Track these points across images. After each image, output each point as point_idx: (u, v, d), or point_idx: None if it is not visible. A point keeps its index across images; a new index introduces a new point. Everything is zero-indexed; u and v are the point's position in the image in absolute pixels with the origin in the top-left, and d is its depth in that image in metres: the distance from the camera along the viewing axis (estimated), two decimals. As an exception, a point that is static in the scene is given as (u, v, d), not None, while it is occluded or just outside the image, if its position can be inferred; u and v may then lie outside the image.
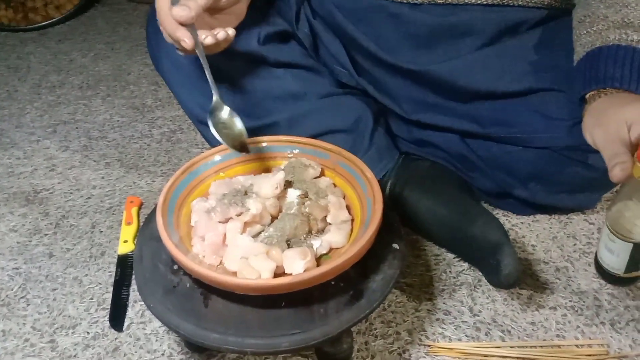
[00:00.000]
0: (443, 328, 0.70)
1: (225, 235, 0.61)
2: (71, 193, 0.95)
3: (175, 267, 0.61)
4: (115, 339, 0.70)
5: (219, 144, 0.76)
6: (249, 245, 0.59)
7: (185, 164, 0.69)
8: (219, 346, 0.55)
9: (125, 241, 0.83)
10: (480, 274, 0.76)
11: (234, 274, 0.58)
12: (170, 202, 0.65)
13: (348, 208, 0.66)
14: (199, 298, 0.59)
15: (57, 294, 0.76)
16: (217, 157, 0.72)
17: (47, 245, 0.84)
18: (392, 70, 0.82)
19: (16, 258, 0.82)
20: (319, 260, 0.61)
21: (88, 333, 0.70)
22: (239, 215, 0.62)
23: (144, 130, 1.12)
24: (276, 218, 0.65)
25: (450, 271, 0.78)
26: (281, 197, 0.66)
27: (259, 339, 0.55)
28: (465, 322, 0.71)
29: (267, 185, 0.65)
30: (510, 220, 0.87)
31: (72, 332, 0.71)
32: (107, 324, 0.71)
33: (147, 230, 0.66)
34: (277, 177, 0.65)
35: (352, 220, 0.65)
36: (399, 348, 0.68)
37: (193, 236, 0.63)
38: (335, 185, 0.70)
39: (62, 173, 1.00)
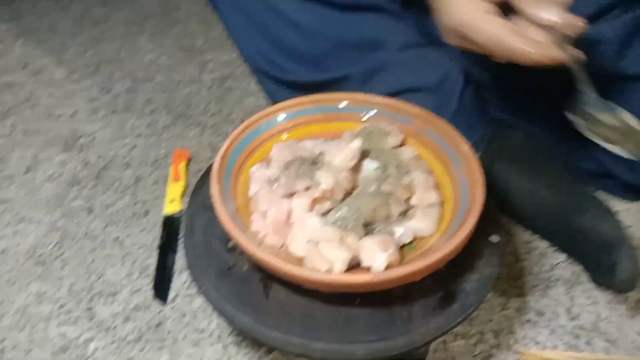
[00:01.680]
0: (536, 332, 0.60)
1: (290, 212, 0.51)
2: (114, 141, 0.87)
3: (231, 244, 0.52)
4: (159, 312, 0.62)
5: (282, 99, 0.65)
6: (319, 227, 0.49)
7: (244, 122, 0.59)
8: (281, 347, 0.46)
9: (172, 200, 0.74)
10: (580, 267, 0.65)
11: (300, 260, 0.49)
12: (227, 167, 0.55)
13: (436, 187, 0.55)
14: (258, 285, 0.49)
15: (96, 255, 0.68)
16: (281, 116, 0.61)
17: (87, 199, 0.76)
18: None
19: (53, 211, 0.74)
20: (401, 250, 0.50)
21: (128, 303, 0.63)
22: (306, 189, 0.52)
23: (193, 75, 1.02)
24: (349, 195, 0.54)
25: (544, 263, 0.67)
26: (355, 169, 0.55)
27: (330, 343, 0.45)
28: (563, 326, 0.60)
29: (341, 155, 0.54)
30: (611, 206, 0.74)
31: (112, 301, 0.63)
32: (150, 294, 0.64)
33: (199, 197, 0.57)
34: (352, 146, 0.54)
35: (442, 203, 0.54)
36: (483, 352, 0.58)
37: (252, 210, 0.53)
38: (419, 158, 0.59)
39: (105, 117, 0.92)
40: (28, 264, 0.67)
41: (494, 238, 0.53)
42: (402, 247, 0.51)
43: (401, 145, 0.60)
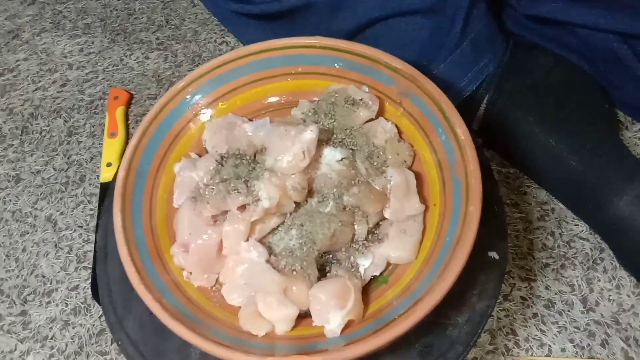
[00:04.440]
0: (541, 330, 0.50)
1: (220, 243, 0.39)
2: (41, 76, 0.71)
3: (153, 279, 0.41)
4: (100, 316, 0.54)
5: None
6: (258, 267, 0.37)
7: (161, 97, 0.43)
8: None
9: (109, 164, 0.61)
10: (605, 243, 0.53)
11: (235, 312, 0.38)
12: (138, 173, 0.41)
13: (419, 183, 0.41)
14: (187, 345, 0.39)
15: (27, 242, 0.58)
16: (210, 81, 0.45)
17: (13, 163, 0.64)
18: None
19: (-26, 183, 0.63)
20: (369, 286, 0.39)
21: (66, 304, 0.54)
22: (241, 209, 0.38)
23: (132, -31, 0.81)
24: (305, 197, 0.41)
25: (561, 233, 0.54)
26: (313, 164, 0.41)
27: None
28: (574, 321, 0.50)
29: (289, 153, 0.39)
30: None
31: (47, 302, 0.55)
32: (89, 292, 0.55)
33: (112, 209, 0.44)
34: (304, 139, 0.39)
35: (426, 208, 0.40)
36: (475, 360, 0.49)
37: (176, 235, 0.41)
38: (400, 137, 0.43)
39: (29, 42, 0.74)
40: (-50, 257, 0.58)
41: (493, 254, 0.41)
42: (371, 281, 0.39)
43: (376, 116, 0.44)
